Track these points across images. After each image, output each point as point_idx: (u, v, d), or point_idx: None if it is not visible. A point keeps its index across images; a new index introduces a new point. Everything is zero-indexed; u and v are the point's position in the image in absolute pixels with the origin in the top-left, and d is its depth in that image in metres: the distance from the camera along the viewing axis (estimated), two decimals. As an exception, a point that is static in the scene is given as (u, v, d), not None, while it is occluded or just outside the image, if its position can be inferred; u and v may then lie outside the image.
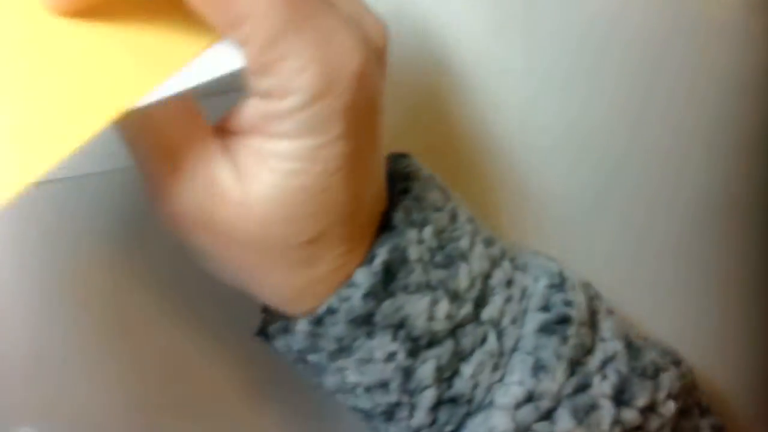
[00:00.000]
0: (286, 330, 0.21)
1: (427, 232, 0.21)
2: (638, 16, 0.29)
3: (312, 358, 0.21)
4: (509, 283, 0.23)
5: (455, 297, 0.21)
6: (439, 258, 0.21)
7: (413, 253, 0.20)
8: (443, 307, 0.21)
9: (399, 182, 0.22)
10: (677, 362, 0.26)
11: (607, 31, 0.29)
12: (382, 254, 0.20)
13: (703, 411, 0.28)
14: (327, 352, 0.20)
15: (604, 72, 0.30)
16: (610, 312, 0.26)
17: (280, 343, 0.22)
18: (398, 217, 0.21)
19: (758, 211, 0.32)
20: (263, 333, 0.22)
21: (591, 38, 0.29)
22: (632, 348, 0.24)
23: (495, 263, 0.23)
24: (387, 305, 0.20)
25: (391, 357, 0.20)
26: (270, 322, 0.22)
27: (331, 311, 0.20)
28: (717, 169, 0.31)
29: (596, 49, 0.29)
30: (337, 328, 0.20)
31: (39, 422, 0.32)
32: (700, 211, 0.32)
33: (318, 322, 0.20)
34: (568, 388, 0.22)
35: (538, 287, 0.24)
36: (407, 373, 0.21)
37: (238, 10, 0.16)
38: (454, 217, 0.22)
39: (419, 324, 0.20)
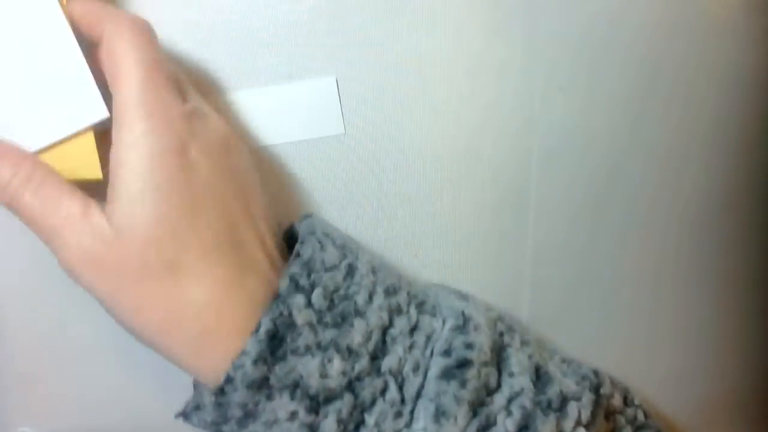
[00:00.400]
0: (198, 407, 0.23)
1: (317, 294, 0.23)
2: (638, 16, 0.29)
3: (225, 428, 0.23)
4: (413, 329, 0.25)
5: (349, 353, 0.23)
6: (329, 318, 0.23)
7: (300, 317, 0.22)
8: (336, 364, 0.23)
9: (296, 245, 0.24)
10: (596, 386, 0.27)
11: (608, 32, 0.29)
12: (266, 323, 0.22)
13: (638, 427, 0.29)
14: (236, 420, 0.22)
15: (605, 72, 0.30)
16: (525, 343, 0.27)
17: (195, 419, 0.23)
18: (283, 284, 0.23)
19: (758, 211, 0.32)
20: (182, 414, 0.24)
21: (591, 38, 0.29)
22: (542, 380, 0.26)
23: (398, 311, 0.25)
24: (279, 368, 0.22)
25: (293, 416, 0.22)
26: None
27: (229, 380, 0.21)
28: (717, 169, 0.31)
29: (596, 49, 0.29)
30: (237, 394, 0.22)
31: (38, 422, 0.32)
32: (701, 210, 0.32)
33: (221, 392, 0.22)
34: (472, 430, 0.23)
35: (444, 330, 0.25)
36: (312, 429, 0.22)
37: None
38: (351, 273, 0.24)
39: (313, 383, 0.22)
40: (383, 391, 0.23)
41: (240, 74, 0.27)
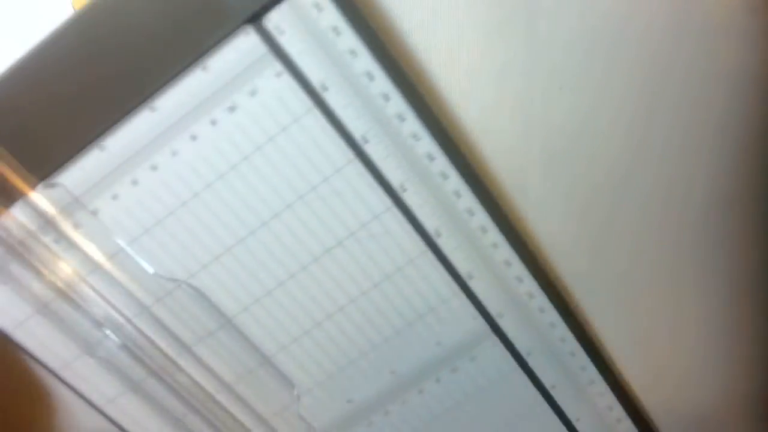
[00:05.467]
0: None
1: None
2: (642, 17, 0.29)
3: None
4: None
5: None
6: None
7: None
8: None
9: None
10: None
11: (609, 32, 0.29)
12: None
13: None
14: None
15: (606, 72, 0.30)
16: None
17: None
18: None
19: (761, 210, 0.32)
20: None
21: (593, 39, 0.29)
22: None
23: None
24: None
25: None
26: None
27: None
28: (718, 169, 0.31)
29: (598, 50, 0.29)
30: None
31: None
32: (701, 210, 0.32)
33: None
34: None
35: None
36: None
37: None
38: None
39: None
40: None
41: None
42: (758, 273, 0.33)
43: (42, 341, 0.31)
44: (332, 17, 0.26)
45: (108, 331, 0.31)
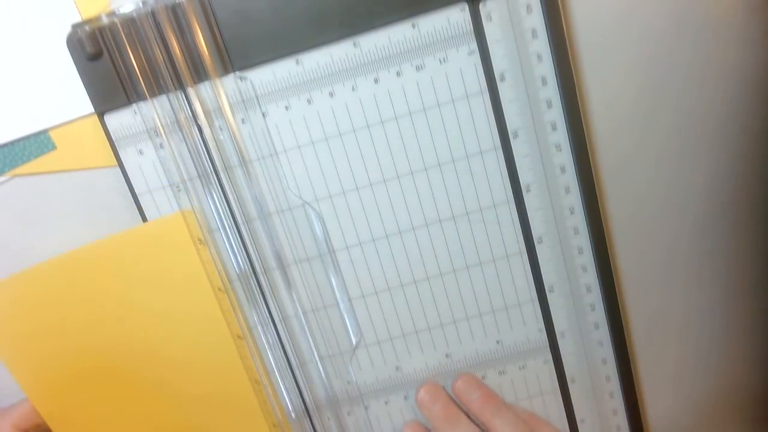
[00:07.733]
0: None
1: None
2: (644, 17, 0.31)
3: None
4: None
5: None
6: None
7: None
8: None
9: None
10: None
11: (615, 32, 0.31)
12: None
13: None
14: None
15: (610, 74, 0.32)
16: None
17: None
18: None
19: (761, 210, 0.33)
20: None
21: (597, 40, 0.31)
22: None
23: None
24: None
25: None
26: None
27: None
28: (719, 168, 0.33)
29: (602, 50, 0.31)
30: None
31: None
32: (703, 210, 0.34)
33: None
34: None
35: None
36: None
37: None
38: None
39: None
40: None
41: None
42: (756, 273, 0.33)
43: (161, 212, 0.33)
44: (535, 20, 0.30)
45: (225, 224, 0.33)
